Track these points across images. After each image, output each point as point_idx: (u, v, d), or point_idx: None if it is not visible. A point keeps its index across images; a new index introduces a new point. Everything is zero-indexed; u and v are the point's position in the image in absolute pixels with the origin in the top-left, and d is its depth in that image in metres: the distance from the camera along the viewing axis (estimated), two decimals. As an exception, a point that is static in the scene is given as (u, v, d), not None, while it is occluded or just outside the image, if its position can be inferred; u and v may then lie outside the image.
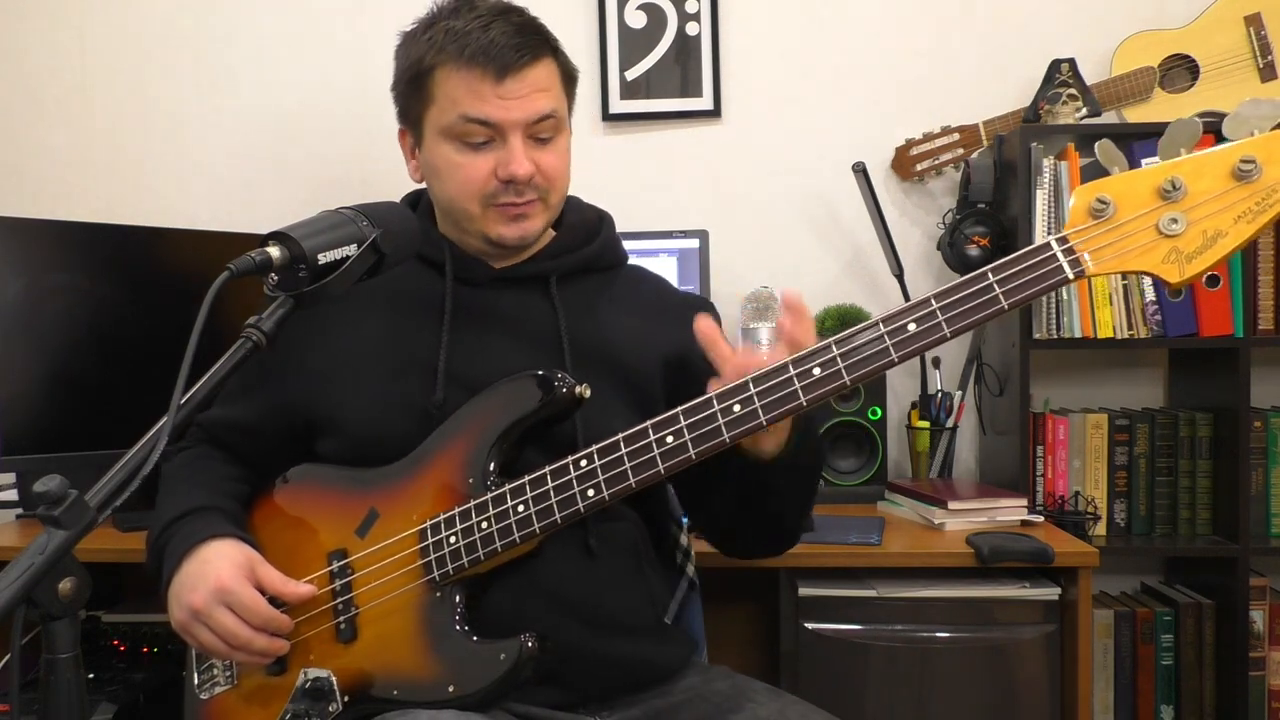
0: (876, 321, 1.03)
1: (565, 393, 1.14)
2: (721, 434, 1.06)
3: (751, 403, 1.06)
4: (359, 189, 2.41)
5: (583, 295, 1.31)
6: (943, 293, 1.02)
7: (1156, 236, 0.98)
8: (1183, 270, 0.97)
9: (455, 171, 1.24)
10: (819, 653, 1.72)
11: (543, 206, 1.27)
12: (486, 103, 1.20)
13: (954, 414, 2.23)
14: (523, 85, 1.21)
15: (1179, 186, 0.97)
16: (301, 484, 1.28)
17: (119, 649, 2.00)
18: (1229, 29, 2.26)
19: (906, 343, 1.02)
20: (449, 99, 1.22)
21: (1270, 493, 2.15)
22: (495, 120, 1.21)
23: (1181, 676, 2.14)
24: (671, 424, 1.08)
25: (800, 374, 1.05)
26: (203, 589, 1.13)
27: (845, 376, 1.03)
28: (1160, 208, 0.98)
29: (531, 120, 1.22)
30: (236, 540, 1.19)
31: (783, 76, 2.40)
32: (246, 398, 1.31)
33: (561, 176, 1.28)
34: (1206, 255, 0.97)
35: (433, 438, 1.20)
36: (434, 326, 1.26)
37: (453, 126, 1.22)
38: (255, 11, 2.47)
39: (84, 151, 2.50)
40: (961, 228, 2.19)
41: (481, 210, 1.25)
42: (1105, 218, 0.99)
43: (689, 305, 1.34)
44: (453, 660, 1.12)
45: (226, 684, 1.25)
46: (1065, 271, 0.99)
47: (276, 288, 1.01)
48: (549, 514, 1.10)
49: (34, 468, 1.86)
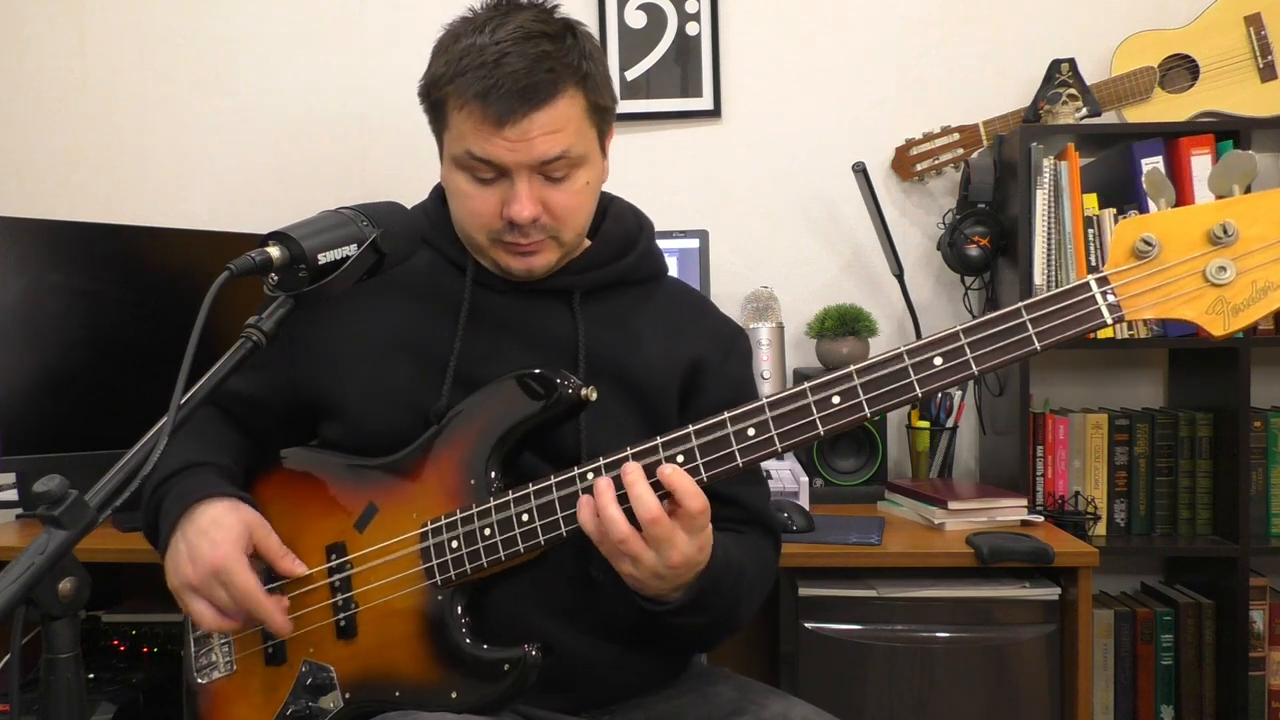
0: (901, 352, 1.00)
1: (570, 393, 1.11)
2: (735, 459, 1.04)
3: (767, 429, 1.03)
4: (359, 189, 2.42)
5: (610, 309, 1.28)
6: (972, 328, 0.98)
7: (1203, 284, 0.92)
8: (1228, 323, 0.92)
9: (465, 201, 1.22)
10: (819, 653, 1.72)
11: (554, 244, 1.22)
12: (491, 144, 1.16)
13: (954, 414, 2.23)
14: (530, 129, 1.14)
15: (1231, 233, 0.91)
16: (299, 471, 1.26)
17: (119, 649, 2.01)
18: (1229, 29, 2.26)
19: (932, 378, 0.98)
20: (458, 131, 1.18)
21: (1270, 493, 2.16)
22: (499, 162, 1.17)
23: (1181, 676, 2.14)
24: (682, 443, 1.05)
25: (819, 402, 1.01)
26: (200, 565, 1.11)
27: (866, 409, 1.00)
28: (1209, 253, 0.91)
29: (537, 163, 1.17)
30: (234, 501, 1.17)
31: (783, 76, 2.40)
32: (255, 371, 1.27)
33: (574, 214, 1.22)
34: (1255, 308, 0.91)
35: (433, 433, 1.19)
36: (450, 325, 1.24)
37: (461, 159, 1.19)
38: (255, 12, 2.47)
39: (84, 152, 2.50)
40: (961, 228, 2.19)
41: (489, 244, 1.23)
42: (1149, 259, 0.93)
43: (719, 330, 1.33)
44: (456, 667, 1.11)
45: (226, 670, 1.23)
46: (1104, 316, 0.94)
47: (276, 288, 1.01)
48: (554, 527, 1.09)
49: (34, 468, 1.86)
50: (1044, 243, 2.09)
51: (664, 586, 1.08)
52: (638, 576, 1.06)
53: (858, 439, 2.11)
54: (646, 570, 1.05)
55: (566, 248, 1.24)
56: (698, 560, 1.07)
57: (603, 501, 1.03)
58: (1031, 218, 2.09)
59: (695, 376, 1.27)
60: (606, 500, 1.03)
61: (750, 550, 1.23)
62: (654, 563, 1.04)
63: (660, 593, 1.10)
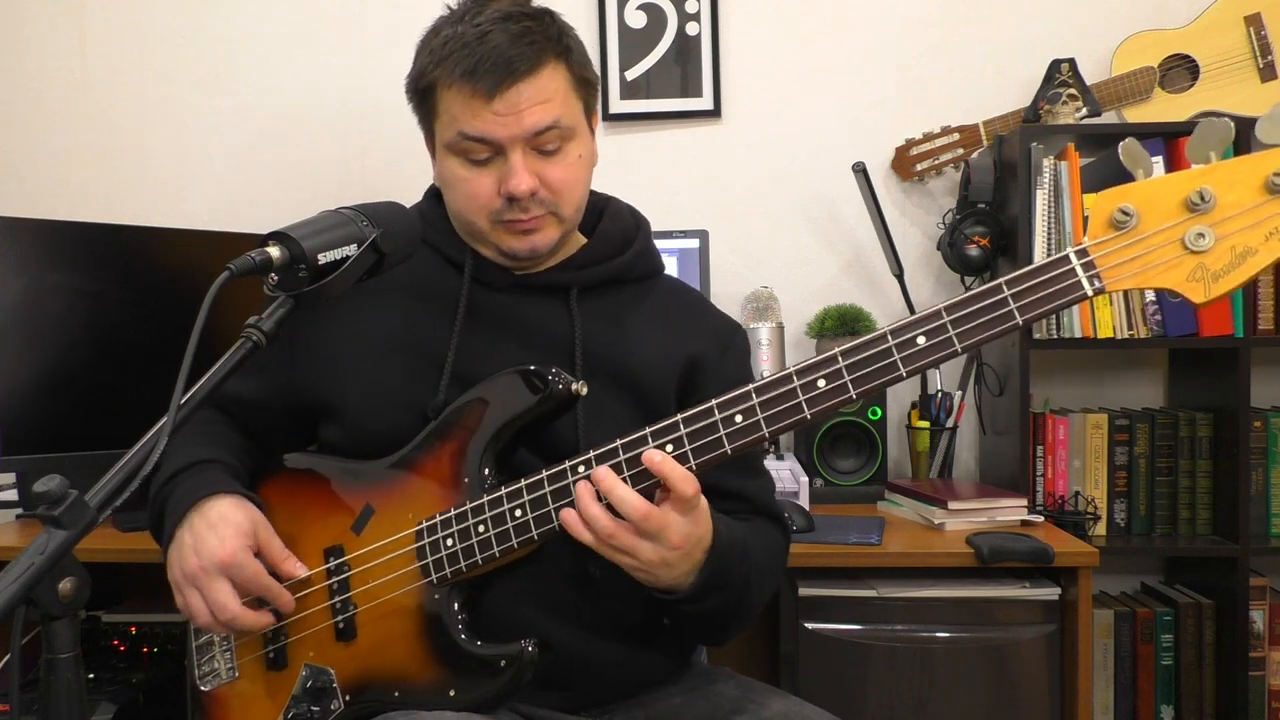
0: (885, 333, 1.00)
1: (560, 388, 1.12)
2: (723, 445, 1.05)
3: (754, 414, 1.03)
4: (359, 189, 2.42)
5: (607, 307, 1.28)
6: (954, 304, 0.98)
7: (1182, 252, 0.92)
8: (1209, 289, 0.91)
9: (462, 186, 1.22)
10: (819, 653, 1.72)
11: (554, 220, 1.23)
12: (482, 120, 1.17)
13: (954, 414, 2.23)
14: (518, 100, 1.16)
15: (1208, 199, 0.91)
16: (297, 475, 1.27)
17: (119, 649, 2.01)
18: (1229, 29, 2.26)
19: (915, 357, 0.99)
20: (449, 115, 1.20)
21: (1270, 493, 2.16)
22: (492, 137, 1.18)
23: (1181, 676, 2.14)
24: (671, 431, 1.06)
25: (804, 385, 1.02)
26: (206, 558, 1.12)
27: (851, 390, 1.01)
28: (1187, 220, 0.91)
29: (530, 134, 1.18)
30: (239, 499, 1.17)
31: (783, 76, 2.40)
32: (255, 375, 1.28)
33: (571, 187, 1.23)
34: (1234, 274, 0.91)
35: (427, 433, 1.19)
36: (447, 324, 1.24)
37: (454, 143, 1.20)
38: (255, 12, 2.47)
39: (84, 152, 2.50)
40: (961, 228, 2.19)
41: (490, 226, 1.23)
42: (1127, 229, 0.93)
43: (716, 328, 1.34)
44: (453, 665, 1.11)
45: (228, 677, 1.24)
46: (1084, 287, 0.94)
47: (276, 288, 1.01)
48: (547, 520, 1.09)
49: (34, 468, 1.86)
50: (1044, 243, 2.09)
51: (676, 573, 1.09)
52: (643, 569, 1.07)
53: (858, 439, 2.11)
54: (648, 560, 1.05)
55: (566, 225, 1.25)
56: (700, 534, 1.08)
57: (583, 503, 1.05)
58: (1031, 218, 2.09)
59: (693, 374, 1.28)
60: (587, 501, 1.05)
61: (756, 534, 1.23)
62: (653, 552, 1.05)
63: (675, 581, 1.10)
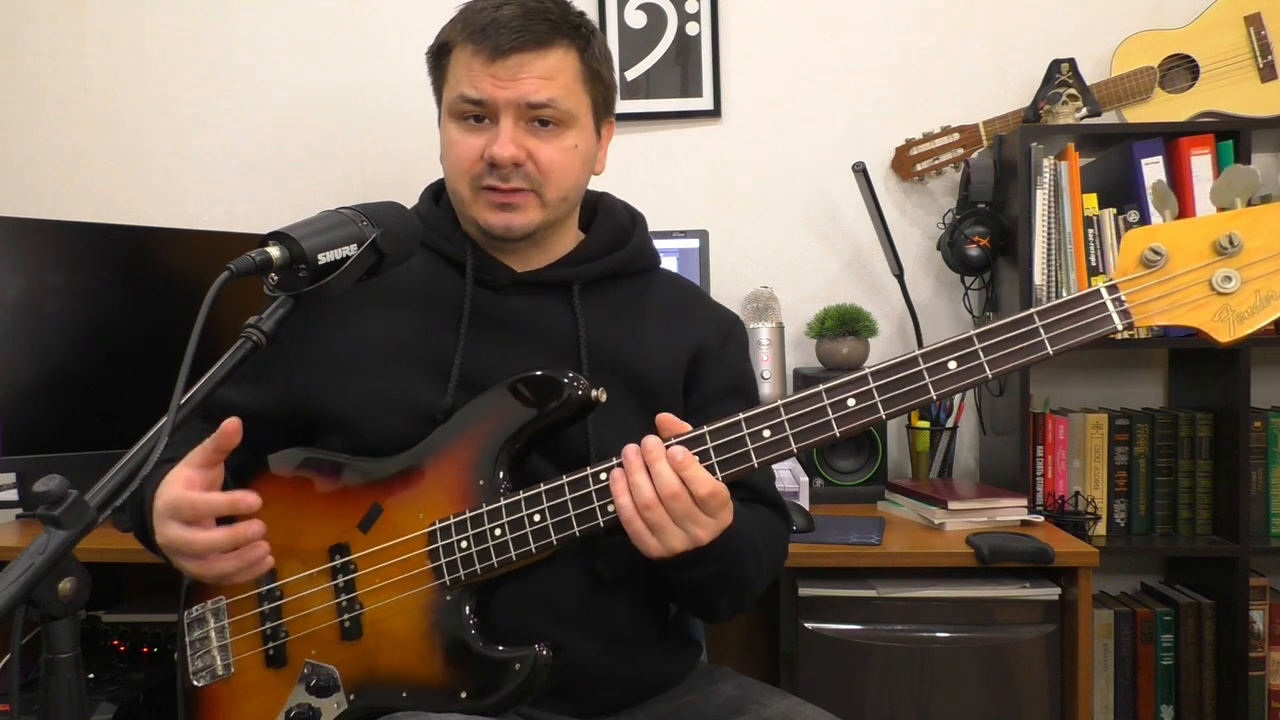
0: (916, 356, 1.02)
1: (579, 395, 1.11)
2: (750, 459, 1.05)
3: (783, 429, 1.04)
4: (359, 189, 2.43)
5: (608, 303, 1.28)
6: (986, 333, 1.01)
7: (1209, 293, 0.96)
8: (1233, 330, 0.96)
9: (451, 149, 1.23)
10: (819, 653, 1.72)
11: (536, 200, 1.22)
12: (479, 80, 1.19)
13: (954, 414, 2.23)
14: (519, 69, 1.18)
15: (1236, 243, 0.95)
16: (300, 471, 1.24)
17: (119, 649, 2.00)
18: (1229, 29, 2.26)
19: (946, 381, 1.01)
20: (455, 77, 1.22)
21: (1270, 493, 2.16)
22: (485, 98, 1.19)
23: (1181, 676, 2.14)
24: (697, 444, 1.06)
25: (834, 404, 1.03)
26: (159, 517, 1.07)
27: (881, 411, 1.03)
28: (1215, 263, 0.96)
29: (523, 103, 1.18)
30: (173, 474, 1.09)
31: (783, 76, 2.40)
32: (250, 384, 1.27)
33: (561, 172, 1.22)
34: (1258, 316, 0.95)
35: (439, 433, 1.18)
36: (451, 329, 1.23)
37: (454, 105, 1.22)
38: (255, 11, 2.47)
39: (84, 152, 2.50)
40: (961, 228, 2.19)
41: (471, 194, 1.23)
42: (1157, 268, 0.97)
43: (717, 319, 1.34)
44: (465, 667, 1.11)
45: (223, 673, 1.22)
46: (1114, 322, 0.98)
47: (276, 288, 1.01)
48: (567, 526, 1.09)
49: (34, 468, 1.86)
50: (1044, 243, 2.09)
51: None
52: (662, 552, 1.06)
53: (858, 439, 2.10)
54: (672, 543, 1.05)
55: (548, 211, 1.24)
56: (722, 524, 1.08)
57: (631, 467, 1.05)
58: (1031, 218, 2.09)
59: (697, 366, 1.28)
60: (635, 466, 1.05)
61: (753, 516, 1.23)
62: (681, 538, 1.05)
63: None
